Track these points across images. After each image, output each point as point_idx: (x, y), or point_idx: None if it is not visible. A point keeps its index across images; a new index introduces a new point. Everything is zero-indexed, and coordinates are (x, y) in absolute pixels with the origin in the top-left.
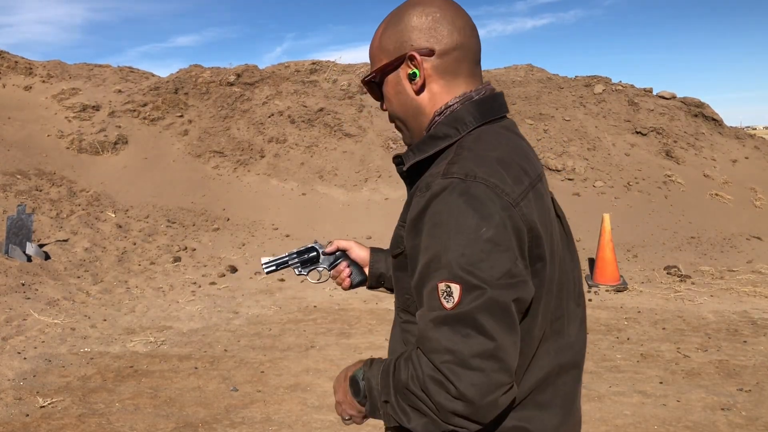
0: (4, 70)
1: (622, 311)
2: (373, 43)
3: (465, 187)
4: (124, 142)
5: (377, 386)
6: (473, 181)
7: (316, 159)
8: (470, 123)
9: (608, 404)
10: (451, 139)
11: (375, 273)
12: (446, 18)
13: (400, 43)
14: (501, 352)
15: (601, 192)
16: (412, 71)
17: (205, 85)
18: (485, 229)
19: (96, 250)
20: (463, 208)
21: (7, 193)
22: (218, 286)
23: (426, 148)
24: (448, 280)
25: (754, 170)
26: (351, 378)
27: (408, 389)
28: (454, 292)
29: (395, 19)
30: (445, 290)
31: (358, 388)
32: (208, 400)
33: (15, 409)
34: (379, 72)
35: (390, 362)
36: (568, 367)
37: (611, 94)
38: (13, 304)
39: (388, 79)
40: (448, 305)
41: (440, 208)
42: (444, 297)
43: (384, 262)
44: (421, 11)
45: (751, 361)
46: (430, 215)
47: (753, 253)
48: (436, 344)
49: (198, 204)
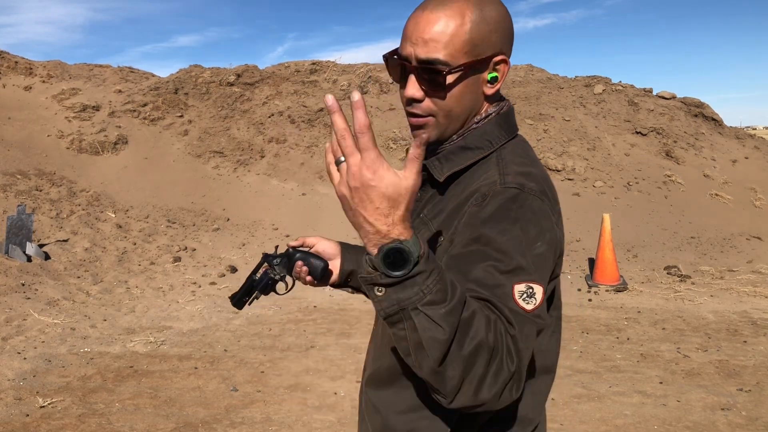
0: (4, 71)
1: (622, 311)
2: (451, 29)
3: (524, 199)
4: (124, 142)
5: (429, 286)
6: (531, 194)
7: (316, 159)
8: (501, 137)
9: (608, 404)
10: (483, 152)
11: (345, 270)
12: (512, 24)
13: (491, 43)
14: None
15: (601, 192)
16: (494, 75)
17: (205, 85)
18: (539, 243)
19: (96, 250)
20: (526, 217)
21: (7, 193)
22: (218, 286)
23: (457, 159)
24: (530, 281)
25: (754, 170)
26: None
27: (489, 345)
28: (537, 294)
29: (484, 13)
30: (526, 291)
31: (402, 260)
32: (208, 400)
33: (15, 409)
34: (468, 69)
35: (458, 290)
36: (541, 371)
37: (611, 94)
38: (13, 304)
39: (468, 77)
40: (528, 307)
41: (505, 213)
42: (522, 299)
43: (354, 261)
44: (503, 11)
45: (751, 361)
46: (499, 220)
47: (753, 253)
48: (527, 354)
49: (198, 204)
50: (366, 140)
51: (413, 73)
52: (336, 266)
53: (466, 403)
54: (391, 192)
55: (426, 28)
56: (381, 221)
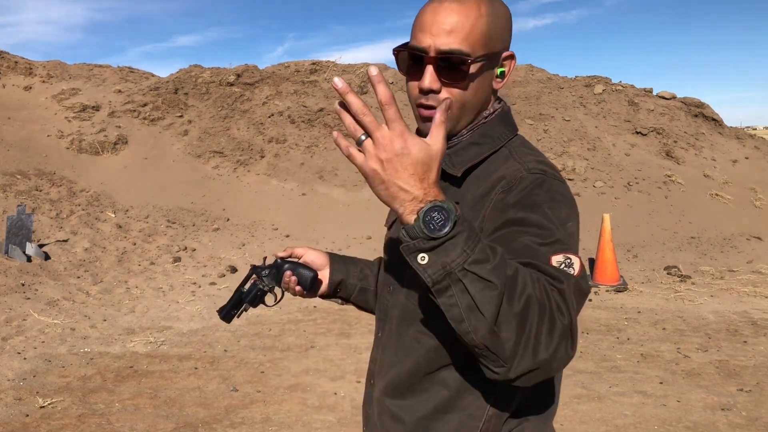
0: (4, 71)
1: (622, 311)
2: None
3: (551, 182)
4: (124, 142)
5: (471, 245)
6: (555, 179)
7: (316, 159)
8: (506, 134)
9: (608, 404)
10: (492, 147)
11: (334, 281)
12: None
13: (502, 38)
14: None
15: (601, 192)
16: (502, 70)
17: (205, 86)
18: (571, 223)
19: (96, 250)
20: (558, 197)
21: (7, 193)
22: (218, 287)
23: (467, 154)
24: (567, 252)
25: (754, 170)
26: (438, 204)
27: (529, 298)
28: (575, 264)
29: (497, 11)
30: (564, 261)
31: (443, 219)
32: (208, 401)
33: (15, 409)
34: (488, 60)
35: (497, 249)
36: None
37: (611, 94)
38: (13, 304)
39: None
40: (572, 272)
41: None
42: (562, 268)
43: (343, 270)
44: (508, 11)
45: (751, 361)
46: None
47: (753, 254)
48: (576, 310)
49: (198, 204)
50: (393, 112)
51: (431, 64)
52: (325, 276)
53: (526, 367)
54: (423, 156)
55: (446, 19)
56: (417, 186)
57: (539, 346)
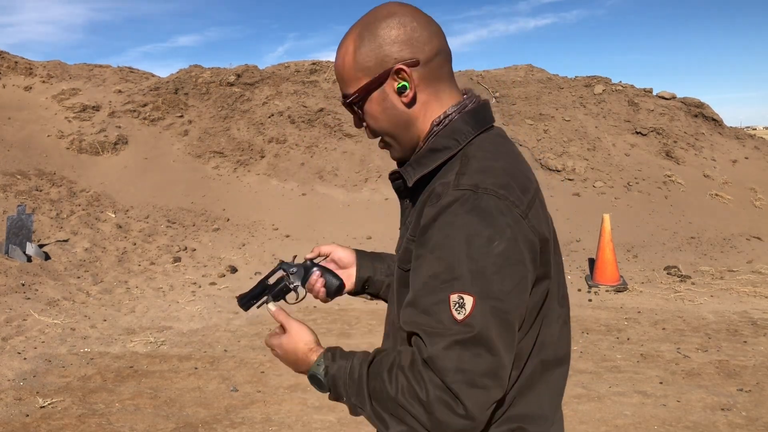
0: (4, 71)
1: (622, 311)
2: (344, 63)
3: (476, 200)
4: (124, 142)
5: (345, 386)
6: (484, 193)
7: (316, 159)
8: (468, 133)
9: (608, 404)
10: (451, 151)
11: (361, 278)
12: (422, 25)
13: (382, 58)
14: (502, 370)
15: (601, 192)
16: (401, 84)
17: (205, 86)
18: (497, 242)
19: (96, 250)
20: (475, 221)
21: (7, 193)
22: (218, 287)
23: (427, 162)
24: (462, 291)
25: (754, 170)
26: (311, 375)
27: (398, 402)
28: (467, 304)
29: (368, 35)
30: (458, 302)
31: (320, 384)
32: (208, 401)
33: (15, 409)
34: (363, 91)
35: (362, 366)
36: (551, 365)
37: (611, 94)
38: (13, 304)
39: (372, 97)
40: (459, 317)
41: (451, 220)
42: (456, 308)
43: (370, 267)
44: (397, 22)
45: (751, 361)
46: (441, 226)
47: (753, 254)
48: (448, 363)
49: (198, 204)
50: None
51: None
52: (351, 275)
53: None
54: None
55: (335, 70)
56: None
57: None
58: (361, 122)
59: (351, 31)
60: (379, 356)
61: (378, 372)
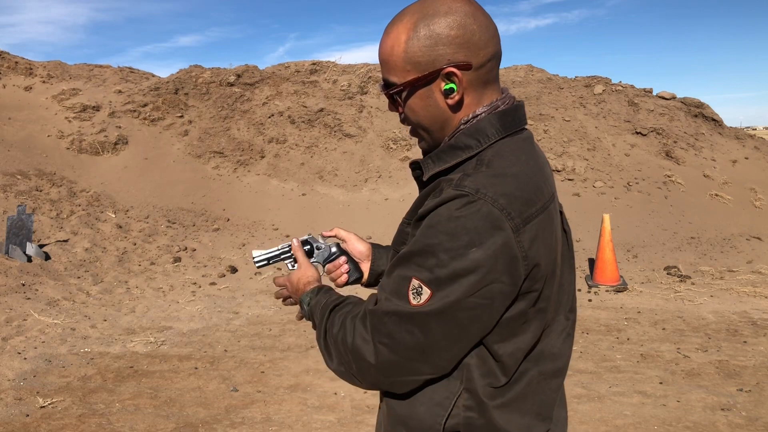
0: (4, 71)
1: (622, 311)
2: (394, 51)
3: (472, 204)
4: (125, 142)
5: (315, 317)
6: (482, 199)
7: (316, 159)
8: (492, 135)
9: (608, 404)
10: (471, 151)
11: (376, 270)
12: (481, 28)
13: (435, 57)
14: (430, 349)
15: (601, 192)
16: (449, 86)
17: (205, 86)
18: (475, 249)
19: (96, 250)
20: (462, 222)
21: (7, 193)
22: (218, 287)
23: (446, 158)
24: (423, 281)
25: (754, 170)
26: (300, 300)
27: (336, 342)
28: (423, 295)
29: (425, 29)
30: (417, 288)
31: (304, 310)
32: (208, 401)
33: (15, 409)
34: (409, 86)
35: (331, 305)
36: (549, 376)
37: (611, 94)
38: (13, 304)
39: (417, 92)
40: (414, 301)
41: (443, 214)
42: (413, 292)
43: (386, 260)
44: (458, 23)
45: (751, 361)
46: (432, 218)
47: (753, 254)
48: (382, 327)
49: (198, 204)
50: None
51: (385, 95)
52: (366, 268)
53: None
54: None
55: (379, 52)
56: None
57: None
58: (397, 109)
59: (405, 17)
60: (349, 303)
61: (337, 313)
